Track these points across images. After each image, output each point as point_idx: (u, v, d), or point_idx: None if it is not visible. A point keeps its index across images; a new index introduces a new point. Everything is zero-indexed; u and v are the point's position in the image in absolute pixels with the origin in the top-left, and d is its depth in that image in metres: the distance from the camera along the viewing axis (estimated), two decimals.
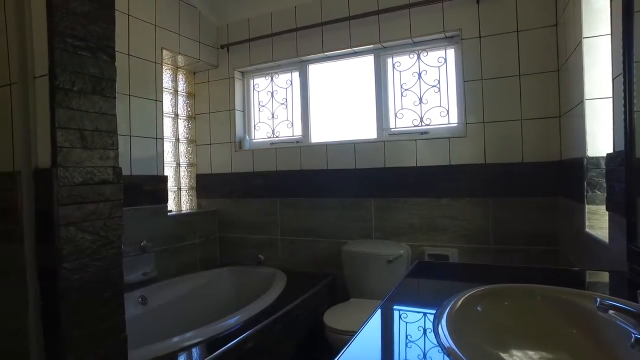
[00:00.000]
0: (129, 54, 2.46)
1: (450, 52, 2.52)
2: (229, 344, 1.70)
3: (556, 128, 2.18)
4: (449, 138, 2.44)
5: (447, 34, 2.46)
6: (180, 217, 2.90)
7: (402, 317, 0.98)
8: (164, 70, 2.91)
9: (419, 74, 2.60)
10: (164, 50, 2.74)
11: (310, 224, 2.85)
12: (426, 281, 1.35)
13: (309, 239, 2.86)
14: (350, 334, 1.96)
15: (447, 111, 2.53)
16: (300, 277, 2.71)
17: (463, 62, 2.39)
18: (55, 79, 1.09)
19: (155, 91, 2.66)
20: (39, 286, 1.14)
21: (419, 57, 2.61)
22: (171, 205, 3.00)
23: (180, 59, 2.98)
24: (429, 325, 0.87)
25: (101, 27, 1.22)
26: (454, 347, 0.73)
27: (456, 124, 2.49)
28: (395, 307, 1.03)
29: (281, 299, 2.29)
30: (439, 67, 2.55)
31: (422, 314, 0.98)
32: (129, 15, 2.45)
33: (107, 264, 1.21)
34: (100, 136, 1.21)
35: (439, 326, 0.82)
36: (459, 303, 0.92)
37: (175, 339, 1.71)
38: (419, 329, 0.89)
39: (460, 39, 2.41)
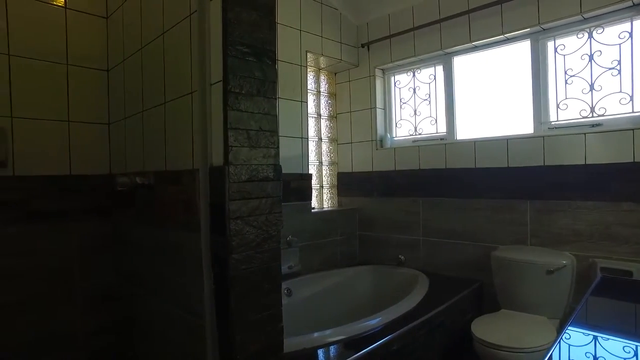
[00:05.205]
0: (277, 59, 2.61)
1: (638, 24, 2.08)
2: (374, 345, 1.68)
3: None
4: (632, 130, 2.03)
5: (636, 1, 2.03)
6: (323, 214, 3.00)
7: (598, 343, 0.82)
8: (308, 72, 3.04)
9: (590, 56, 2.23)
10: (308, 53, 2.86)
11: (455, 225, 2.67)
12: (617, 302, 1.12)
13: (454, 241, 2.68)
14: (503, 349, 1.81)
15: (631, 97, 2.10)
16: (444, 281, 2.57)
17: None
18: (228, 84, 1.19)
19: (300, 93, 2.79)
20: (212, 272, 1.26)
21: (590, 36, 2.23)
22: (314, 203, 3.12)
23: (322, 61, 3.08)
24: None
25: (264, 34, 1.29)
26: None
27: None
28: (584, 330, 0.87)
29: (424, 302, 2.19)
30: (619, 44, 2.14)
31: (624, 344, 0.81)
32: (277, 23, 2.62)
33: (268, 257, 1.28)
34: (264, 135, 1.28)
35: None
36: None
37: (316, 335, 1.75)
38: None
39: None
